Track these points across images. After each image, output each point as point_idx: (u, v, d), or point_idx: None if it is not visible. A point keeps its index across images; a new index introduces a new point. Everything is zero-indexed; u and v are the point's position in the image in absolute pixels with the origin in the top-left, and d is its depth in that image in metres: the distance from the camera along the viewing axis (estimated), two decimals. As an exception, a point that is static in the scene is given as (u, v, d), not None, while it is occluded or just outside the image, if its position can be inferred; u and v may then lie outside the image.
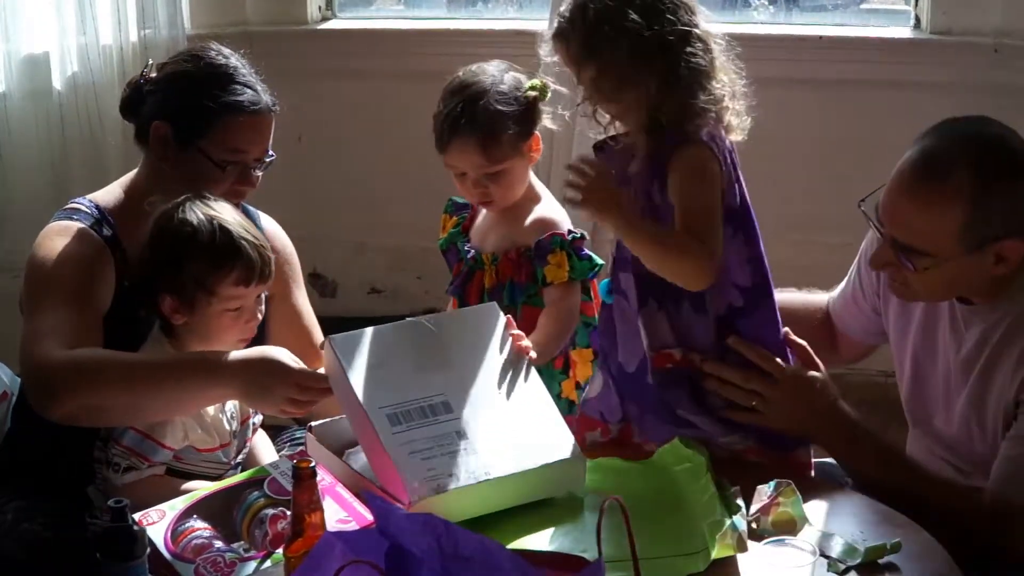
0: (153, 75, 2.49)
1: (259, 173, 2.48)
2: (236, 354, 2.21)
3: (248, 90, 2.43)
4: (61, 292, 2.29)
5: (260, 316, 2.35)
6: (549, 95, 2.51)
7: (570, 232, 2.54)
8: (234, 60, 2.47)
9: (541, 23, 4.20)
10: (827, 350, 2.53)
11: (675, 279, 2.19)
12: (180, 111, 2.42)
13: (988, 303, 2.27)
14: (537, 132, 2.54)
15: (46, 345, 2.20)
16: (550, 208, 2.59)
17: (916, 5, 4.19)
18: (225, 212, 2.29)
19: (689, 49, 2.17)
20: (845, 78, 4.17)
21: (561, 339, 2.49)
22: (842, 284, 2.62)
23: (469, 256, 2.62)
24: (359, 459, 2.16)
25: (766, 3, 4.63)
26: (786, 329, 2.33)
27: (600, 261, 2.54)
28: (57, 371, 2.17)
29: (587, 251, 2.55)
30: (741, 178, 2.24)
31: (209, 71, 2.44)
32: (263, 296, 2.35)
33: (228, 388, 2.21)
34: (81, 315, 2.28)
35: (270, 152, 2.48)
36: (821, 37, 4.23)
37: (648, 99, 2.18)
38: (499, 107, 2.46)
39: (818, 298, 2.68)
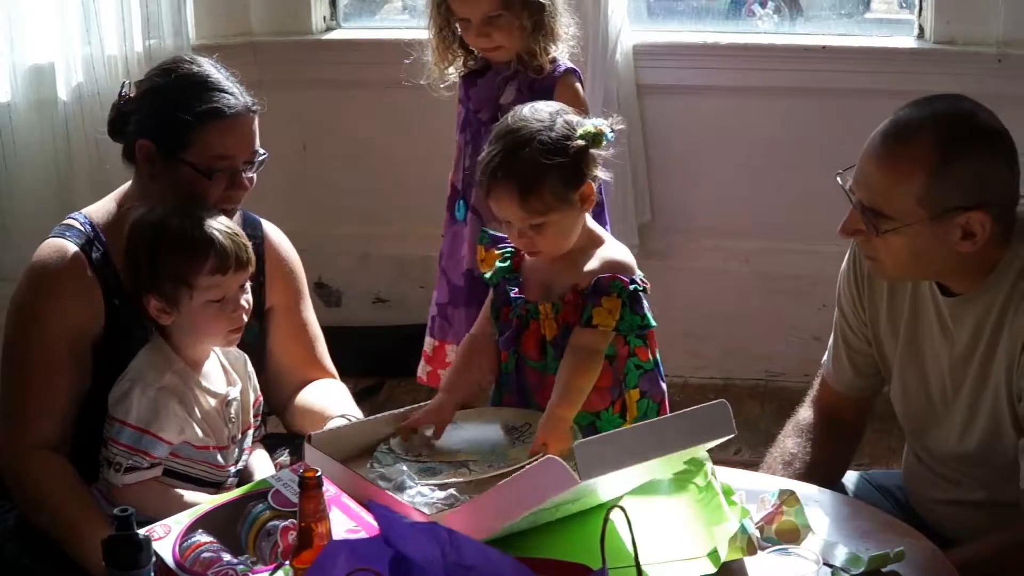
0: (132, 94, 2.47)
1: (251, 175, 2.45)
2: None
3: (223, 95, 2.39)
4: (39, 362, 2.35)
5: (248, 305, 2.33)
6: (607, 142, 2.29)
7: (633, 282, 2.28)
8: (207, 67, 2.44)
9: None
10: (856, 431, 2.54)
11: None
12: (159, 127, 2.39)
13: (975, 289, 2.24)
14: (591, 180, 2.29)
15: (15, 429, 2.33)
16: (617, 250, 2.36)
17: (920, 15, 4.20)
18: (199, 210, 2.30)
19: None
20: (848, 88, 4.17)
21: (586, 392, 2.26)
22: (824, 357, 2.58)
23: (519, 305, 2.36)
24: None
25: (770, 13, 4.64)
26: None
27: (653, 323, 2.29)
28: (9, 465, 2.32)
29: (646, 309, 2.30)
30: None
31: (181, 83, 2.41)
32: (247, 285, 2.34)
33: None
34: (58, 386, 2.35)
35: (260, 152, 2.45)
36: (825, 47, 4.24)
37: None
38: (541, 158, 2.23)
39: (808, 413, 2.60)
